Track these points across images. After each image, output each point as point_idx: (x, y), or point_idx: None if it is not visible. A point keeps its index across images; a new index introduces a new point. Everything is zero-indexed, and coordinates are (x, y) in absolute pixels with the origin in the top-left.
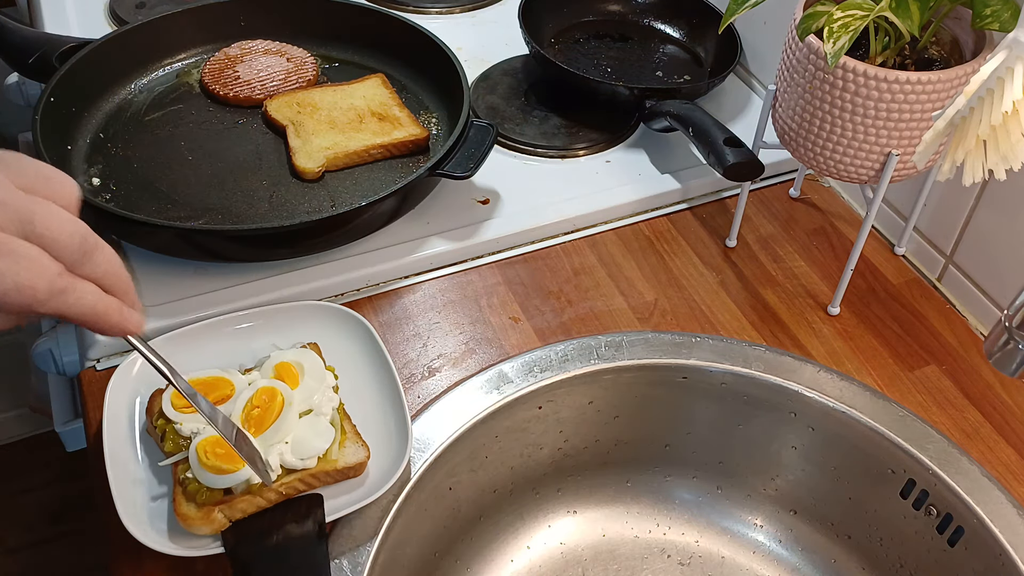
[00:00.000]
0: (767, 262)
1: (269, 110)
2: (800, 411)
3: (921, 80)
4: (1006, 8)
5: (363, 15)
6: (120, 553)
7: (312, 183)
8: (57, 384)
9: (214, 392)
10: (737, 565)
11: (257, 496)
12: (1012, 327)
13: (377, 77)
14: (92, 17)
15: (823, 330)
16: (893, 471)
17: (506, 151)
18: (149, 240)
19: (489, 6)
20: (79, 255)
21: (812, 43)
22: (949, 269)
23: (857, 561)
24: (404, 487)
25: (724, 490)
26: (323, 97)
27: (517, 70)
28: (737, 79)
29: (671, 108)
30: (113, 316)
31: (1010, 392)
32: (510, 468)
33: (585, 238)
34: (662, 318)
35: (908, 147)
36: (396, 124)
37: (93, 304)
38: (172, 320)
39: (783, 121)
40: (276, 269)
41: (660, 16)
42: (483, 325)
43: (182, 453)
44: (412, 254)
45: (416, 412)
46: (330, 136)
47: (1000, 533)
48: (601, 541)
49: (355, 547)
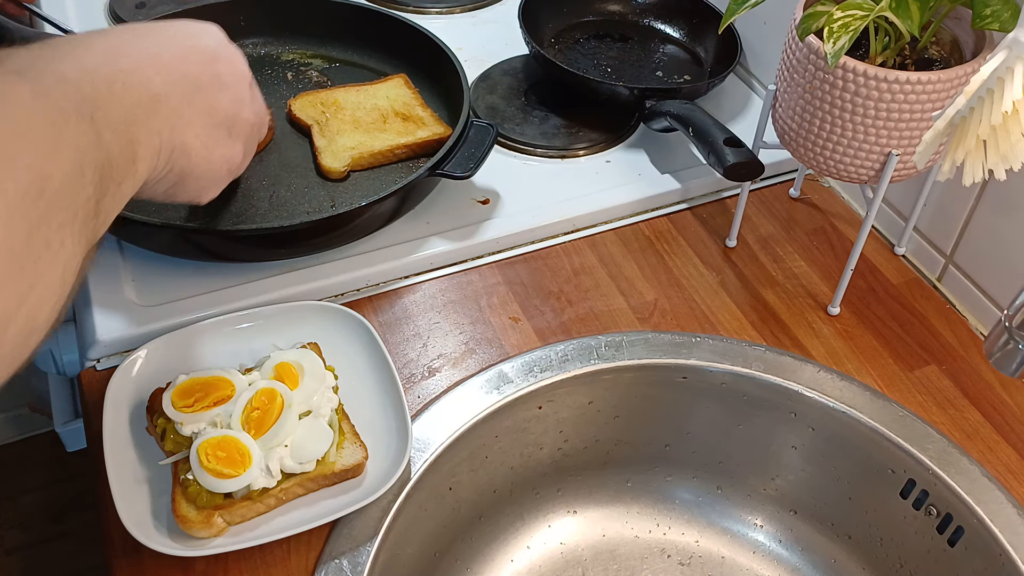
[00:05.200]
0: (767, 262)
1: (293, 109)
2: (800, 411)
3: (921, 80)
4: (1006, 8)
5: (363, 15)
6: (120, 553)
7: (311, 183)
8: (57, 384)
9: (214, 392)
10: (737, 565)
11: (257, 502)
12: (1012, 327)
13: (399, 77)
14: (92, 17)
15: (823, 330)
16: (893, 471)
17: (506, 151)
18: (149, 240)
19: (489, 6)
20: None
21: (812, 43)
22: (949, 269)
23: (857, 561)
24: (404, 487)
25: (724, 490)
26: (347, 97)
27: (517, 70)
28: (737, 79)
29: (671, 108)
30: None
31: (1010, 392)
32: (510, 468)
33: (585, 238)
34: (662, 318)
35: (908, 147)
36: (420, 124)
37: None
38: (172, 320)
39: (783, 121)
40: (276, 269)
41: (660, 16)
42: (483, 325)
43: (182, 453)
44: (412, 254)
45: (416, 412)
46: (355, 136)
47: (1000, 533)
48: (601, 541)
49: (355, 547)
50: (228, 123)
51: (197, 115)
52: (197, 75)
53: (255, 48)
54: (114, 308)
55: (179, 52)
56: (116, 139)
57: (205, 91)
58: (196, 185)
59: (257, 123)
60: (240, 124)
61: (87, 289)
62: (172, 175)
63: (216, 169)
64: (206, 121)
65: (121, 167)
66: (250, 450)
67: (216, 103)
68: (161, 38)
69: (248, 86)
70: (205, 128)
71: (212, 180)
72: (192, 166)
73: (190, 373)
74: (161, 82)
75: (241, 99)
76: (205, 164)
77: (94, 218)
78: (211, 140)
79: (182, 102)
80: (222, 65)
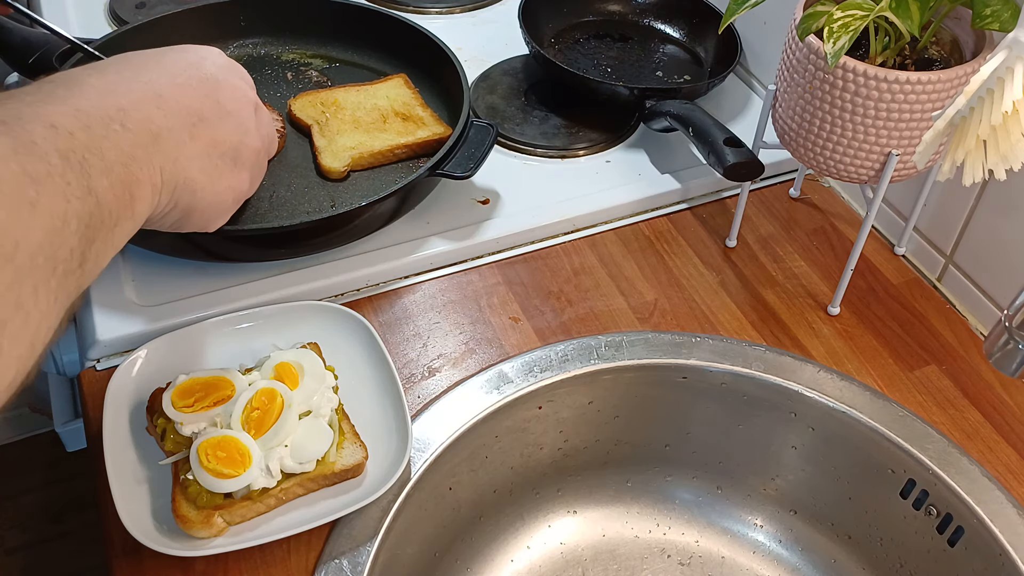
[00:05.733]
0: (767, 262)
1: (293, 109)
2: (800, 411)
3: (921, 80)
4: (1006, 8)
5: (363, 15)
6: (120, 553)
7: (311, 183)
8: (57, 384)
9: (214, 392)
10: (737, 565)
11: (257, 502)
12: (1012, 327)
13: (399, 77)
14: (92, 17)
15: (823, 330)
16: (893, 471)
17: (506, 151)
18: (149, 240)
19: (489, 6)
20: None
21: (812, 43)
22: (949, 269)
23: (857, 561)
24: (404, 487)
25: (724, 490)
26: (347, 97)
27: (517, 70)
28: (737, 79)
29: (671, 108)
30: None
31: (1010, 392)
32: (510, 468)
33: (585, 238)
34: (662, 318)
35: (908, 147)
36: (420, 124)
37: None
38: (172, 320)
39: (783, 121)
40: (276, 269)
41: (660, 16)
42: (483, 325)
43: (182, 452)
44: (412, 254)
45: (416, 412)
46: (355, 136)
47: (1000, 533)
48: (601, 541)
49: (355, 547)
50: (233, 153)
51: (200, 148)
52: (199, 106)
53: (255, 48)
54: (114, 308)
55: (180, 83)
56: (111, 183)
57: (208, 122)
58: (202, 217)
59: (264, 148)
60: (245, 152)
61: (87, 289)
62: (177, 211)
63: (222, 200)
64: (210, 153)
65: (115, 211)
66: (250, 450)
67: (219, 134)
68: (161, 70)
69: (253, 111)
70: (209, 160)
71: (219, 211)
72: (197, 200)
73: (190, 373)
74: (162, 117)
75: (246, 127)
76: (211, 197)
77: (78, 269)
78: (216, 172)
79: (184, 136)
80: (224, 93)
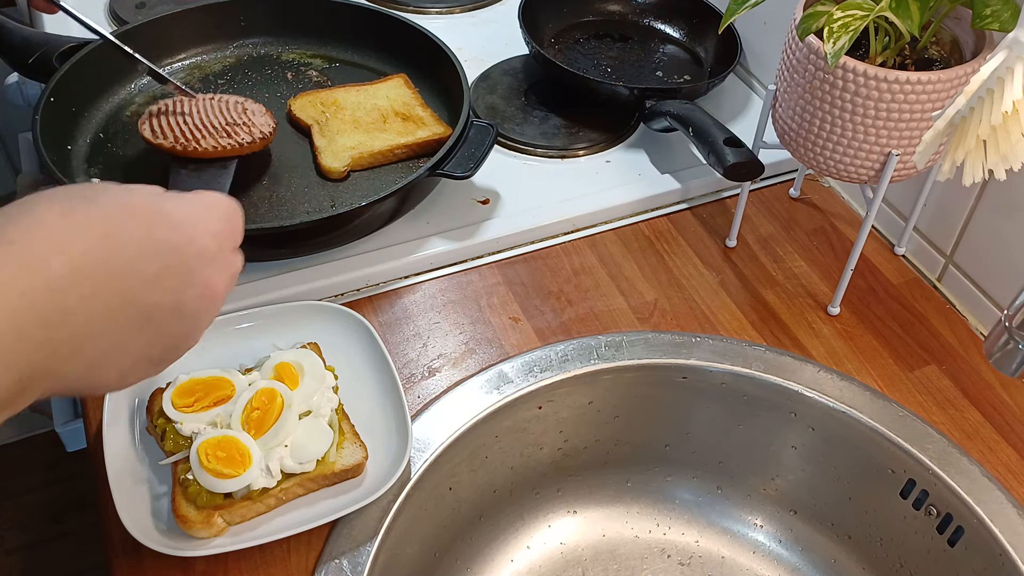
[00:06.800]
0: (767, 262)
1: (293, 109)
2: (800, 411)
3: (921, 80)
4: (1006, 8)
5: (363, 15)
6: (120, 553)
7: (311, 183)
8: None
9: (214, 392)
10: (737, 565)
11: (257, 502)
12: (1012, 327)
13: (399, 77)
14: (92, 17)
15: (823, 330)
16: (893, 471)
17: (506, 151)
18: None
19: (489, 6)
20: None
21: (812, 43)
22: (949, 269)
23: (857, 561)
24: (404, 487)
25: (724, 490)
26: (347, 97)
27: (517, 70)
28: (737, 79)
29: (671, 108)
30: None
31: (1010, 392)
32: (510, 468)
33: (585, 238)
34: (662, 318)
35: (908, 147)
36: (420, 124)
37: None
38: None
39: (783, 121)
40: (276, 269)
41: (660, 16)
42: (483, 325)
43: (182, 452)
44: (412, 254)
45: (416, 412)
46: (355, 136)
47: (1000, 533)
48: (601, 541)
49: (355, 547)
50: (161, 356)
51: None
52: (155, 305)
53: (255, 48)
54: None
55: (152, 273)
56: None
57: (154, 325)
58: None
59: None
60: (177, 354)
61: None
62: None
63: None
64: (136, 358)
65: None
66: (250, 450)
67: (159, 338)
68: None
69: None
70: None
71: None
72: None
73: (190, 373)
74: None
75: (193, 331)
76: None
77: None
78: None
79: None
80: (195, 290)
